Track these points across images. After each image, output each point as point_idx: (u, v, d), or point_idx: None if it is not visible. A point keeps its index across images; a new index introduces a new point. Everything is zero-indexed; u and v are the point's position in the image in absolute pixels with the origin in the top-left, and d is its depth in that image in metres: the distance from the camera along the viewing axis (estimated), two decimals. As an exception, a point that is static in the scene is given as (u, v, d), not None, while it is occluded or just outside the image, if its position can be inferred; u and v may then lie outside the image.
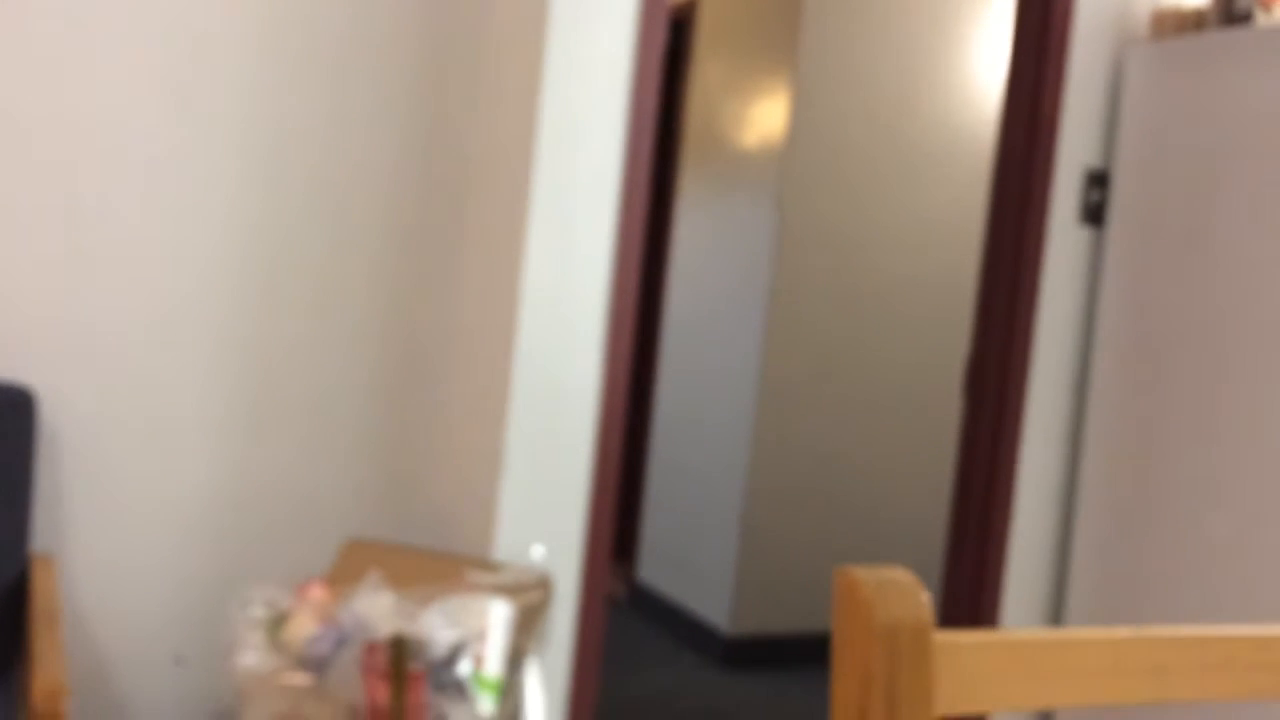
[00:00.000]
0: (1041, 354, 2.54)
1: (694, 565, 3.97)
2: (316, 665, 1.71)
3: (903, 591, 0.81)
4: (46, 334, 2.08)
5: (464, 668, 1.75)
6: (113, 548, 2.14)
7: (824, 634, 3.84)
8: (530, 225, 2.12)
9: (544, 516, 2.17)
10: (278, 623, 1.78)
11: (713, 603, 3.82)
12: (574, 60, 2.13)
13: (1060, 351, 2.56)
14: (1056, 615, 2.60)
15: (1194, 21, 2.43)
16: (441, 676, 1.73)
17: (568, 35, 2.12)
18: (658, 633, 4.05)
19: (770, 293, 3.70)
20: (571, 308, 2.17)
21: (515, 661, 1.88)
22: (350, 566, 2.03)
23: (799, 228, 3.72)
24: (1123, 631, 0.89)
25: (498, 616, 1.84)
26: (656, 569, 4.21)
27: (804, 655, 3.80)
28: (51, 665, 1.63)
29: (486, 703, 1.76)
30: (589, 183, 2.16)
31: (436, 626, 1.75)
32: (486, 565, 1.99)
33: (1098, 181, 2.52)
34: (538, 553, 2.11)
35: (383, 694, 1.67)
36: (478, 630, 1.81)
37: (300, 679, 1.70)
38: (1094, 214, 2.53)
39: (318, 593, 1.84)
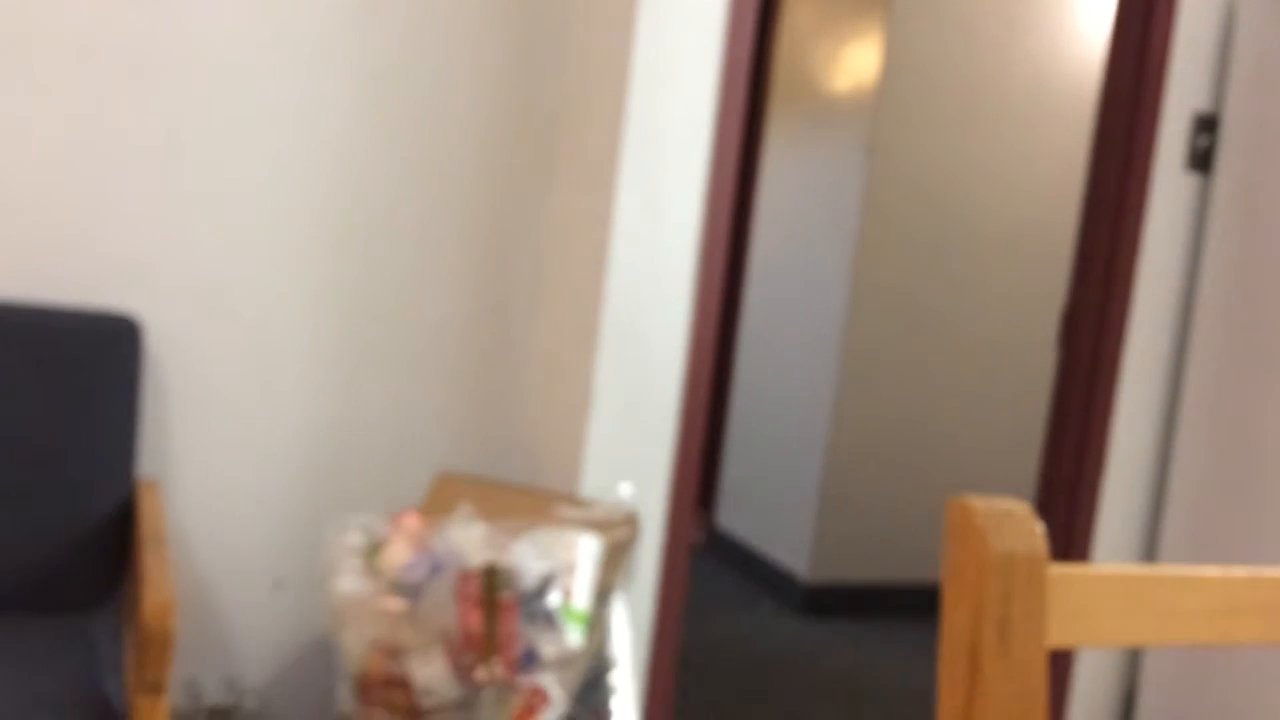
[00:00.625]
0: (1141, 305, 2.47)
1: (774, 513, 3.98)
2: (411, 591, 1.75)
3: (1018, 522, 0.80)
4: (153, 266, 2.13)
5: (553, 599, 1.78)
6: (215, 475, 2.21)
7: (902, 585, 3.83)
8: (621, 173, 2.11)
9: (630, 458, 2.18)
10: (374, 549, 1.82)
11: (792, 550, 3.83)
12: (666, 6, 2.11)
13: (1161, 303, 2.49)
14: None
15: (1318, -42, 2.32)
16: (532, 606, 1.76)
17: (664, -28, 2.09)
18: (737, 578, 4.07)
19: (858, 243, 3.65)
20: (661, 257, 2.17)
21: (602, 596, 1.91)
22: (443, 498, 2.07)
23: (889, 177, 3.65)
24: (1236, 571, 0.88)
25: (586, 550, 1.86)
26: (737, 515, 4.22)
27: (883, 605, 3.80)
28: (160, 584, 1.69)
29: (574, 634, 1.80)
30: (680, 132, 2.15)
31: (527, 558, 1.78)
32: (575, 501, 2.02)
33: (1206, 126, 2.44)
34: (625, 490, 2.13)
35: (476, 621, 1.71)
36: (567, 563, 1.84)
37: (395, 604, 1.74)
38: (1201, 160, 2.44)
39: (412, 521, 1.88)
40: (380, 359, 2.31)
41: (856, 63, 3.74)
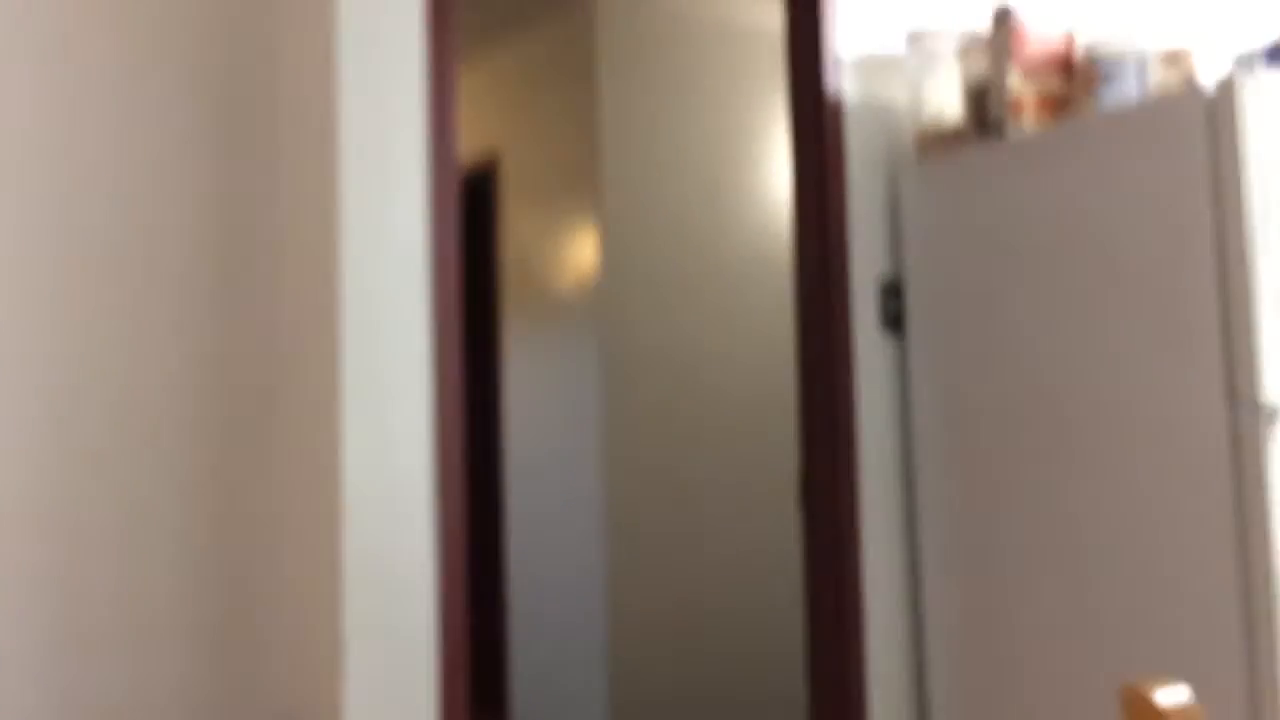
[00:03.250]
0: (868, 456, 2.62)
1: (567, 713, 3.89)
2: None
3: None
4: None
5: None
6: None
7: (707, 761, 3.79)
8: (344, 413, 2.09)
9: (394, 704, 2.09)
10: None
11: (591, 748, 3.74)
12: (371, 242, 2.14)
13: (885, 454, 2.65)
14: (922, 712, 2.64)
15: (954, 138, 2.62)
16: None
17: (362, 219, 2.13)
18: (540, 788, 3.92)
19: (602, 427, 3.73)
20: (397, 486, 2.14)
21: None
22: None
23: (622, 360, 3.78)
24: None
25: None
26: (532, 716, 4.10)
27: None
28: None
29: None
30: (401, 360, 2.16)
31: None
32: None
33: (893, 291, 2.66)
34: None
35: None
36: None
37: None
38: (894, 321, 2.65)
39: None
40: (98, 650, 2.14)
41: (577, 258, 3.89)
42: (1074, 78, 2.43)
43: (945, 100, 2.73)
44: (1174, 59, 2.35)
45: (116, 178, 2.23)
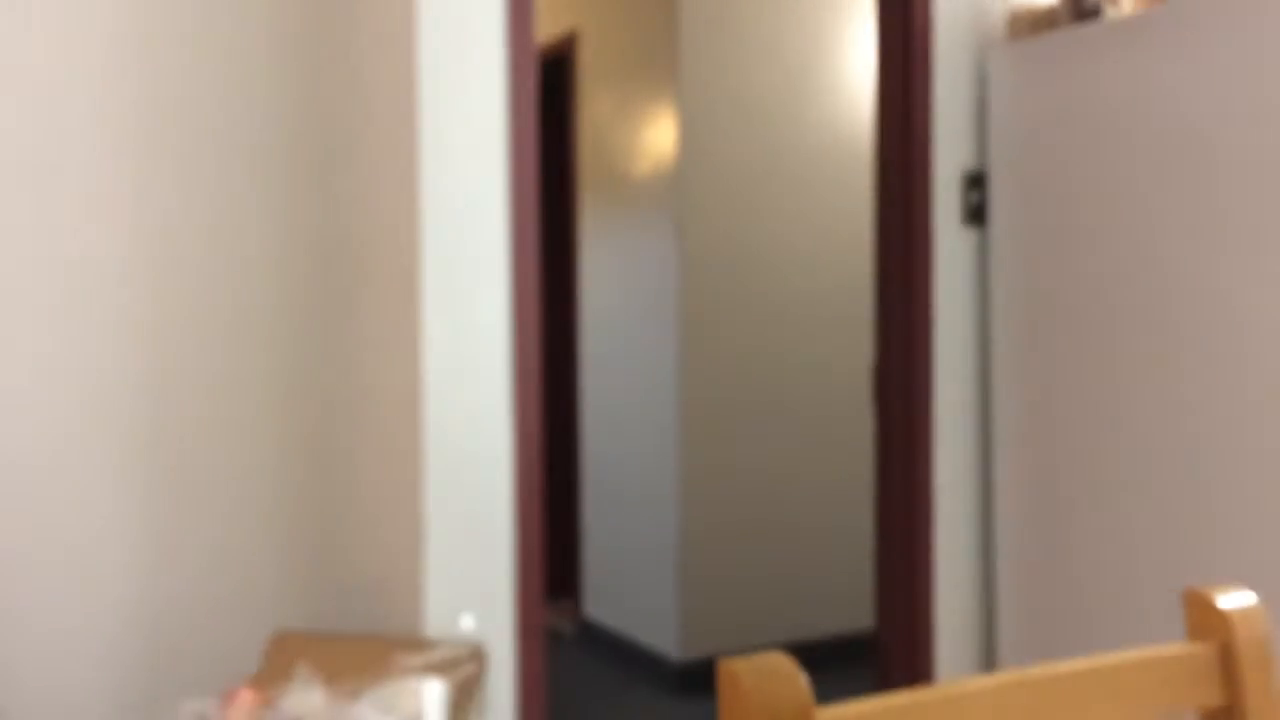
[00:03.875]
0: (943, 355, 2.59)
1: (637, 597, 3.98)
2: (251, 774, 1.69)
3: (782, 679, 0.83)
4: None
5: (402, 754, 1.74)
6: (40, 681, 2.09)
7: (773, 648, 3.87)
8: (424, 299, 2.12)
9: (472, 584, 2.16)
10: (208, 735, 1.75)
11: (660, 632, 3.84)
12: (449, 127, 2.13)
13: (961, 350, 2.61)
14: (989, 608, 2.65)
15: (1047, 20, 2.50)
16: (380, 766, 1.72)
17: (439, 105, 2.12)
18: (609, 667, 4.05)
19: (679, 316, 3.73)
20: (476, 374, 2.17)
21: (456, 736, 1.88)
22: (280, 660, 2.01)
23: (700, 249, 3.75)
24: (999, 678, 0.92)
25: (431, 697, 1.83)
26: (602, 604, 4.21)
27: (757, 670, 3.83)
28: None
29: (429, 786, 1.76)
30: (479, 247, 2.17)
31: (370, 717, 1.74)
32: (416, 645, 1.98)
33: (975, 183, 2.59)
34: (467, 624, 2.11)
35: (321, 795, 1.66)
36: (413, 714, 1.80)
37: (235, 792, 1.67)
38: (976, 214, 2.59)
39: (246, 697, 1.81)
40: (199, 526, 2.24)
41: (655, 145, 3.84)
42: (1180, -45, 2.30)
43: (1040, -20, 2.60)
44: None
45: (200, 80, 2.24)
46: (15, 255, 2.08)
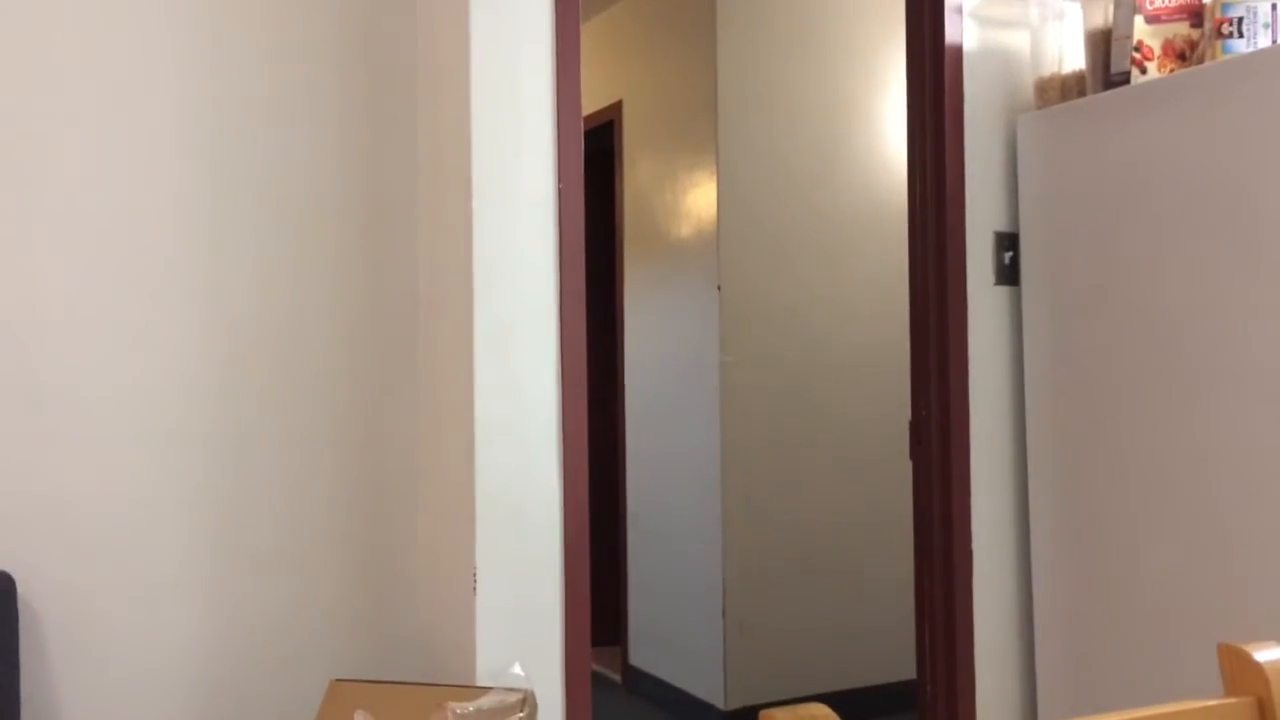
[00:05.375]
0: (978, 409, 2.64)
1: (683, 645, 4.03)
2: (313, 816, 1.76)
3: (819, 723, 0.89)
4: (17, 513, 2.14)
5: (456, 798, 1.81)
6: (107, 718, 2.19)
7: (822, 695, 3.89)
8: (477, 356, 2.21)
9: (522, 632, 2.23)
10: (272, 777, 1.83)
11: (707, 680, 3.88)
12: (501, 192, 2.24)
13: (996, 405, 2.67)
14: (1029, 656, 2.68)
15: (1076, 86, 2.59)
16: (435, 810, 1.79)
17: (492, 171, 2.23)
18: (656, 714, 4.08)
19: (720, 371, 3.81)
20: (525, 427, 2.26)
21: (507, 782, 1.94)
22: (337, 708, 2.09)
23: (740, 310, 3.84)
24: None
25: (484, 743, 1.90)
26: (647, 652, 4.26)
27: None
28: None
29: (482, 829, 1.82)
30: (528, 308, 2.27)
31: (425, 761, 1.81)
32: (467, 692, 2.06)
33: (1008, 243, 2.66)
34: (517, 672, 2.18)
35: (379, 837, 1.73)
36: (466, 759, 1.87)
37: (298, 833, 1.75)
38: (1008, 273, 2.66)
39: (307, 742, 1.89)
40: (262, 570, 2.34)
41: (695, 207, 3.95)
42: (1201, 25, 2.37)
43: (1066, 49, 2.69)
44: (1311, 2, 2.28)
45: (266, 146, 2.37)
46: (96, 317, 2.21)
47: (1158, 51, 2.38)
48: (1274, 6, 2.25)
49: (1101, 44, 2.52)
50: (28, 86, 2.18)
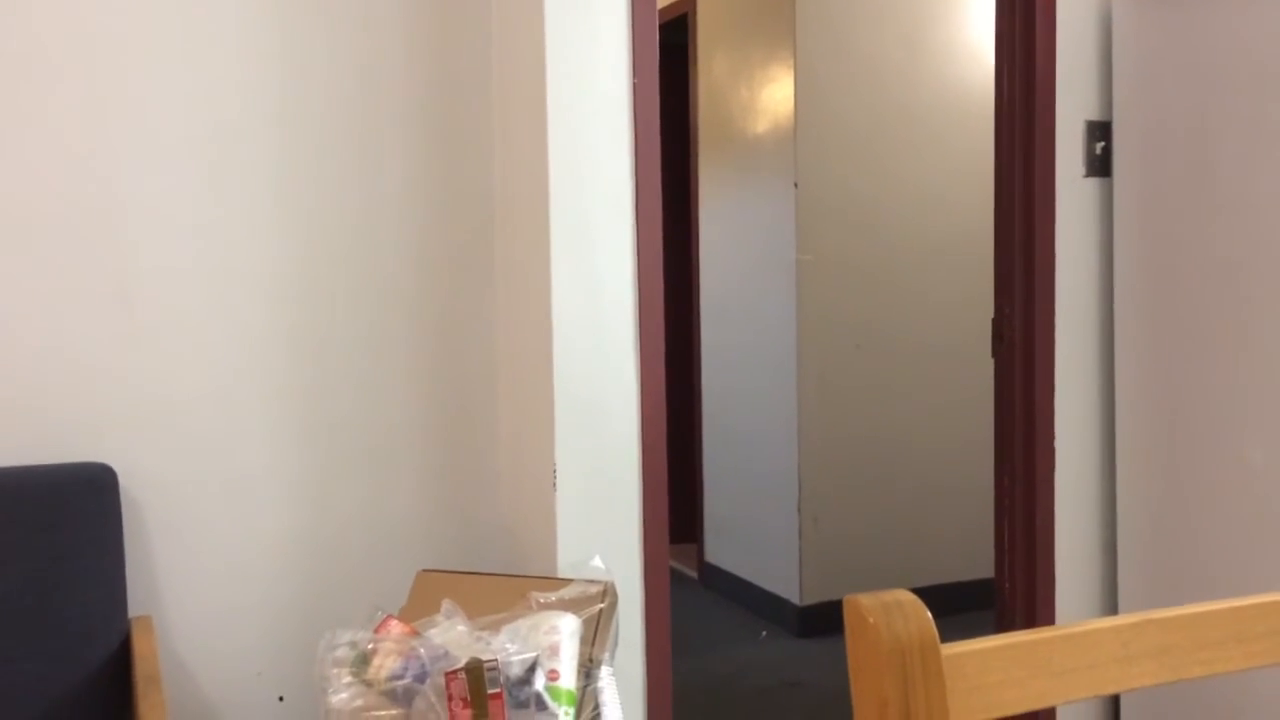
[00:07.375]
0: (1064, 305, 2.58)
1: (759, 542, 4.07)
2: (402, 698, 1.83)
3: (908, 612, 0.89)
4: (117, 410, 2.21)
5: (539, 683, 1.86)
6: (204, 600, 2.28)
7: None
8: (554, 255, 2.21)
9: (601, 526, 2.27)
10: (362, 661, 1.90)
11: (782, 575, 3.92)
12: (575, 93, 2.21)
13: (1083, 301, 2.60)
14: (1110, 559, 2.66)
15: (1178, -37, 2.45)
16: (519, 694, 1.84)
17: (567, 71, 2.20)
18: (732, 610, 4.15)
19: (797, 272, 3.76)
20: (603, 325, 2.26)
21: (589, 669, 1.99)
22: (424, 597, 2.15)
23: (817, 206, 3.77)
24: (1126, 618, 0.97)
25: (566, 631, 1.94)
26: (724, 549, 4.31)
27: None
28: (159, 725, 1.76)
29: (564, 713, 1.87)
30: (604, 206, 2.25)
31: (509, 648, 1.86)
32: (550, 583, 2.10)
33: (1100, 133, 2.56)
34: (597, 564, 2.22)
35: (466, 718, 1.79)
36: (549, 646, 1.92)
37: (388, 714, 1.82)
38: (1099, 165, 2.56)
39: (396, 628, 1.95)
40: (350, 467, 2.39)
41: (772, 103, 3.86)
42: (1321, -107, 2.22)
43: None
44: None
45: (346, 39, 2.36)
46: (188, 228, 2.24)
47: (1271, -76, 2.24)
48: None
49: (1208, -82, 2.38)
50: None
